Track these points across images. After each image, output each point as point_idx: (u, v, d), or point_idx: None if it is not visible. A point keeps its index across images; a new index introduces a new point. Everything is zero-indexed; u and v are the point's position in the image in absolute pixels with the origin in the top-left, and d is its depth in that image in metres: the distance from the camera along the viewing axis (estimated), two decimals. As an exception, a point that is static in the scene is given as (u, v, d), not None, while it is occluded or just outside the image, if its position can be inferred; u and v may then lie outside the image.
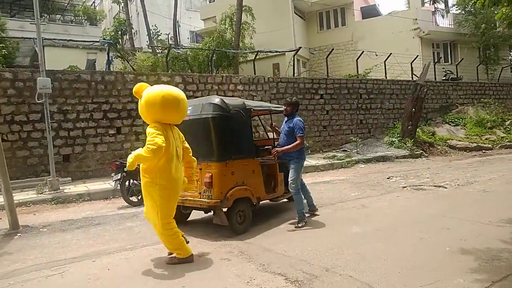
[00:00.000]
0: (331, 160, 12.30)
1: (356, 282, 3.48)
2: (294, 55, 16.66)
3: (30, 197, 8.16)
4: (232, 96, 12.70)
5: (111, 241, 5.16)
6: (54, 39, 15.75)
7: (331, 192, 7.91)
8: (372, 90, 16.53)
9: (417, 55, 18.70)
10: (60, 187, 8.73)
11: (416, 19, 20.93)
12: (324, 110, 15.24)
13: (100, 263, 4.31)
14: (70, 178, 9.97)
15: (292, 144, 5.59)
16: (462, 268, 3.67)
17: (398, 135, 15.00)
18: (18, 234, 5.70)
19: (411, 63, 18.05)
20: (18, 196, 7.84)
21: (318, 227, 5.45)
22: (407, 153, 13.52)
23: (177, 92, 4.31)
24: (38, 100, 9.06)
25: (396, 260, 3.99)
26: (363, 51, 16.98)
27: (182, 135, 4.55)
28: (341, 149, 14.43)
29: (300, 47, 16.93)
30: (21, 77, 9.98)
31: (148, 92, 4.16)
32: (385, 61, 17.38)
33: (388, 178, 9.44)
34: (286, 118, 5.96)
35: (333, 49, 16.86)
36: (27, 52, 21.21)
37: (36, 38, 9.61)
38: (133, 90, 4.34)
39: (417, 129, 15.11)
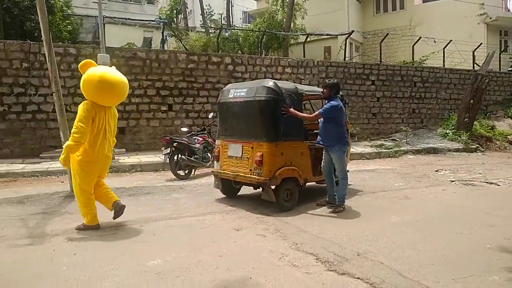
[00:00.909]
0: (378, 148, 12.06)
1: (386, 269, 3.53)
2: (346, 38, 16.26)
3: (88, 164, 8.86)
4: (280, 78, 12.74)
5: (158, 210, 5.55)
6: (114, 17, 16.51)
7: (374, 181, 7.83)
8: (427, 78, 15.79)
9: (481, 43, 17.47)
10: (115, 157, 9.38)
11: (483, 3, 19.50)
12: (375, 96, 14.84)
13: (147, 228, 4.68)
14: (125, 150, 10.66)
15: (304, 114, 5.75)
16: (500, 266, 3.58)
17: (453, 127, 14.31)
18: (77, 197, 6.29)
19: (473, 51, 16.96)
20: (78, 163, 8.54)
21: (355, 213, 5.49)
22: (461, 147, 12.90)
23: (115, 77, 4.50)
24: (98, 75, 9.68)
25: (431, 252, 3.96)
26: (420, 37, 16.19)
27: (115, 114, 4.80)
28: (390, 138, 14.06)
29: (352, 31, 16.45)
30: (84, 53, 10.67)
31: (89, 72, 4.45)
32: (444, 48, 16.46)
33: (436, 171, 9.13)
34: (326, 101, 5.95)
35: (387, 33, 16.23)
36: (90, 29, 22.41)
37: (97, 16, 10.22)
38: (79, 65, 4.61)
39: (475, 122, 14.32)
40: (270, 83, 5.59)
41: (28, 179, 7.73)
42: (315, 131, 6.91)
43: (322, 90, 5.85)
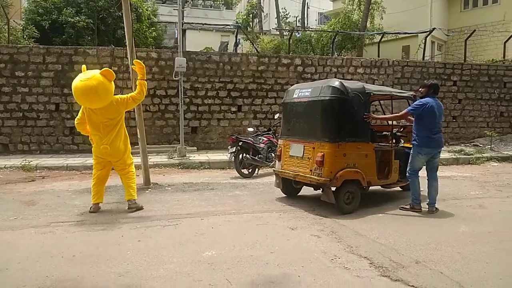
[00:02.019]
0: (457, 154, 11.15)
1: (446, 279, 3.30)
2: (426, 36, 15.27)
3: (162, 160, 9.55)
4: (351, 79, 12.42)
5: (219, 205, 5.80)
6: (193, 23, 17.49)
7: (447, 188, 7.26)
8: (520, 78, 14.19)
9: None
10: (187, 155, 9.98)
11: None
12: (456, 98, 13.75)
13: (207, 222, 4.93)
14: (196, 148, 11.26)
15: (387, 115, 6.00)
16: None
17: (549, 132, 12.68)
18: (149, 189, 6.84)
19: None
20: (152, 159, 9.27)
21: (420, 220, 5.18)
22: (557, 155, 11.38)
23: (75, 83, 4.96)
24: (175, 77, 10.38)
25: (501, 266, 3.61)
26: (513, 33, 14.62)
27: (108, 113, 5.17)
28: (472, 144, 12.91)
29: (434, 28, 15.39)
30: (164, 57, 11.49)
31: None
32: (543, 44, 14.66)
33: (523, 180, 8.20)
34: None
35: (474, 30, 14.88)
36: (172, 35, 23.95)
37: (177, 23, 10.94)
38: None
39: None
40: (336, 82, 5.51)
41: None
42: (384, 132, 6.69)
43: (419, 89, 5.70)
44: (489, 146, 12.15)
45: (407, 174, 5.67)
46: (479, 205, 6.00)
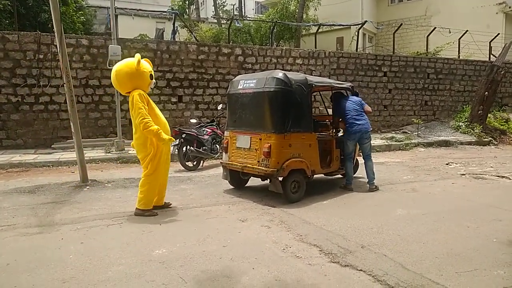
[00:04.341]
0: (388, 141, 11.93)
1: (390, 261, 3.52)
2: (358, 29, 16.03)
3: (99, 155, 9.01)
4: (291, 70, 12.67)
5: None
6: (126, 8, 16.55)
7: (382, 174, 7.73)
8: (441, 70, 15.50)
9: (498, 33, 17.03)
10: (125, 148, 9.51)
11: (502, -8, 18.96)
12: (387, 88, 14.66)
13: (153, 219, 4.75)
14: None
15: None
16: (505, 261, 3.54)
17: (466, 119, 14.05)
18: (87, 187, 6.42)
19: (490, 42, 16.53)
20: (88, 154, 8.71)
21: (361, 206, 5.48)
22: (473, 140, 12.68)
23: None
24: (109, 66, 9.76)
25: (436, 245, 3.93)
26: (435, 27, 15.89)
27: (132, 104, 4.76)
28: (401, 131, 13.89)
29: (365, 21, 16.21)
30: (96, 44, 10.77)
31: None
32: (459, 38, 16.11)
33: (447, 164, 9.01)
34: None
35: (401, 24, 15.93)
36: (103, 20, 22.60)
37: (110, 7, 10.27)
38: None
39: (489, 115, 14.03)
40: (279, 74, 5.56)
41: (39, 169, 7.90)
42: (322, 122, 6.93)
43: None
44: (416, 133, 13.17)
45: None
46: (411, 188, 6.49)
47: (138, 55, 4.84)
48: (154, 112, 4.86)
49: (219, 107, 9.32)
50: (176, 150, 7.92)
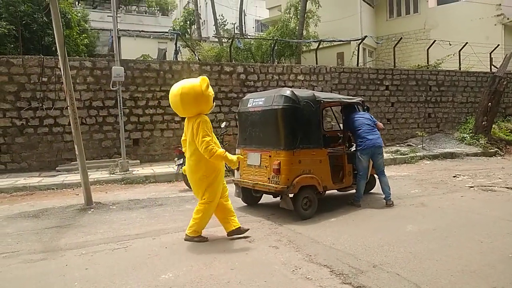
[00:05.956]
0: (393, 154, 11.85)
1: (403, 281, 3.41)
2: (359, 44, 16.15)
3: (103, 176, 8.97)
4: (292, 86, 12.71)
5: (170, 221, 5.55)
6: (129, 30, 16.80)
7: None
8: (443, 82, 15.52)
9: (498, 44, 17.10)
10: (129, 169, 9.48)
11: (499, 4, 19.09)
12: (389, 102, 14.65)
13: (159, 241, 4.67)
14: (139, 161, 10.76)
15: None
16: (524, 278, 3.43)
17: (471, 131, 13.97)
18: (91, 210, 6.35)
19: (490, 53, 16.59)
20: (93, 175, 8.67)
21: (370, 223, 5.37)
22: (479, 151, 12.57)
23: (171, 90, 4.58)
24: (113, 87, 9.84)
25: (450, 262, 3.82)
26: (435, 40, 15.97)
27: (191, 129, 4.46)
28: (406, 144, 13.82)
29: (365, 36, 16.33)
30: (99, 66, 10.86)
31: None
32: (459, 50, 16.17)
33: (454, 176, 8.90)
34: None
35: (401, 38, 16.04)
36: (106, 42, 22.86)
37: (112, 30, 10.41)
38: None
39: (493, 125, 13.96)
40: (287, 91, 5.60)
41: (44, 192, 7.86)
42: (333, 137, 6.90)
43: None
44: (421, 145, 13.08)
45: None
46: (420, 203, 6.38)
47: (206, 78, 4.51)
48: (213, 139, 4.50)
49: (222, 125, 9.31)
50: (181, 169, 7.85)
